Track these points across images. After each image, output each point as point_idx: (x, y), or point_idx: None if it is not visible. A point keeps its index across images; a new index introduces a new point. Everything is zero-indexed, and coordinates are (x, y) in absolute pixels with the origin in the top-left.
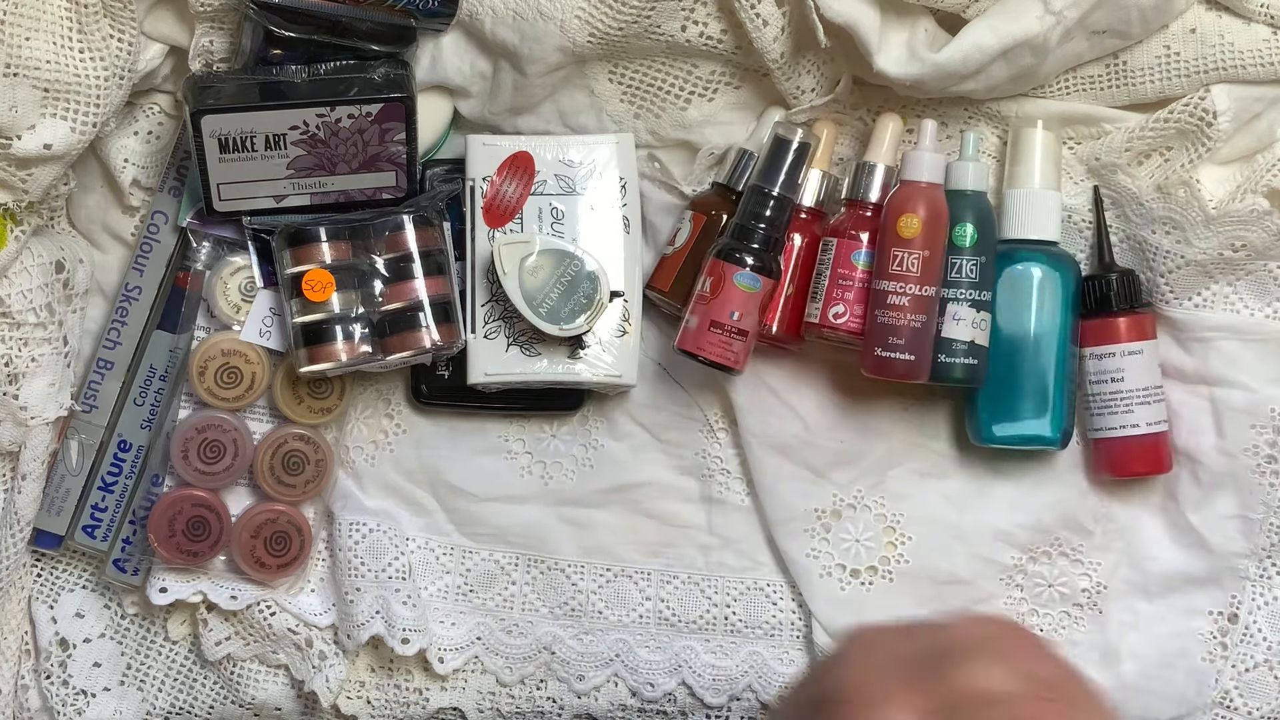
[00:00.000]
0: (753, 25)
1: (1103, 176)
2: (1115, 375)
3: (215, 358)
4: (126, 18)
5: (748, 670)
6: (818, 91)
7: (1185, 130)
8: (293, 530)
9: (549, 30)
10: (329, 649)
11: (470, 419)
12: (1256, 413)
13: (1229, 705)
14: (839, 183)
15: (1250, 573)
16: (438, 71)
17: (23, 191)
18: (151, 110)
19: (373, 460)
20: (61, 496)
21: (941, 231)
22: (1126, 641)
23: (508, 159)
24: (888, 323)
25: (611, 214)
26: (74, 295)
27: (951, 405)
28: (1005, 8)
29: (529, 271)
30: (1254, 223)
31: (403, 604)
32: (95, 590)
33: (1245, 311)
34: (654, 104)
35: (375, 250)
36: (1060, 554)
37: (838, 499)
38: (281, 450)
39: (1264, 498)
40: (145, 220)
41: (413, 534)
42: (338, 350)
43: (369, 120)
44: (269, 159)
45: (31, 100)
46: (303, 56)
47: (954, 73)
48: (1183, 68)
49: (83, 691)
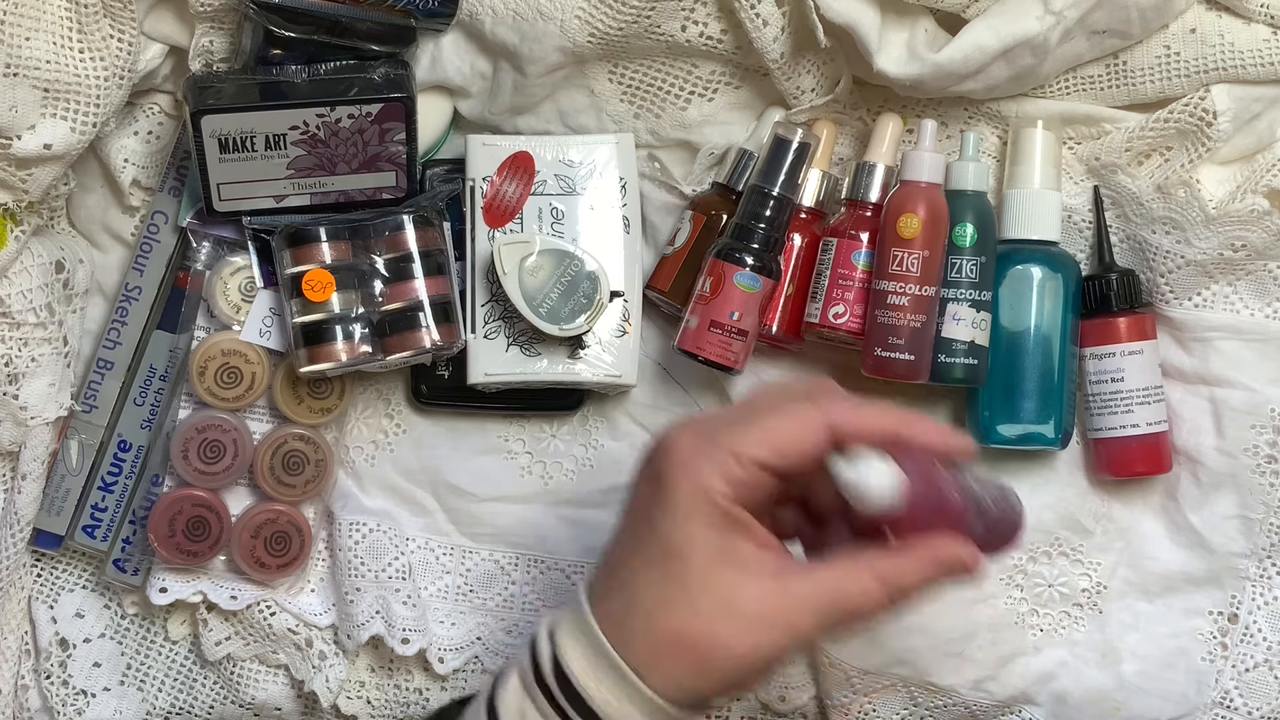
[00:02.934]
0: (753, 25)
1: (1103, 176)
2: (1115, 375)
3: (215, 358)
4: (126, 18)
5: None
6: (818, 91)
7: (1185, 130)
8: (293, 530)
9: (549, 30)
10: (329, 649)
11: (470, 419)
12: (1256, 413)
13: (1229, 705)
14: (839, 183)
15: (1250, 573)
16: (438, 71)
17: (23, 191)
18: (151, 110)
19: (373, 460)
20: (61, 496)
21: (941, 231)
22: (1126, 641)
23: (508, 159)
24: (887, 323)
25: (611, 214)
26: (74, 295)
27: (951, 405)
28: (1005, 8)
29: (529, 271)
30: (1254, 223)
31: (403, 604)
32: (95, 590)
33: (1245, 311)
34: (654, 104)
35: (375, 250)
36: (1060, 554)
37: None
38: (281, 450)
39: (1264, 498)
40: (145, 220)
41: (413, 534)
42: (338, 350)
43: (369, 120)
44: (269, 159)
45: (31, 100)
46: (303, 56)
47: (954, 73)
48: (1183, 68)
49: (83, 691)
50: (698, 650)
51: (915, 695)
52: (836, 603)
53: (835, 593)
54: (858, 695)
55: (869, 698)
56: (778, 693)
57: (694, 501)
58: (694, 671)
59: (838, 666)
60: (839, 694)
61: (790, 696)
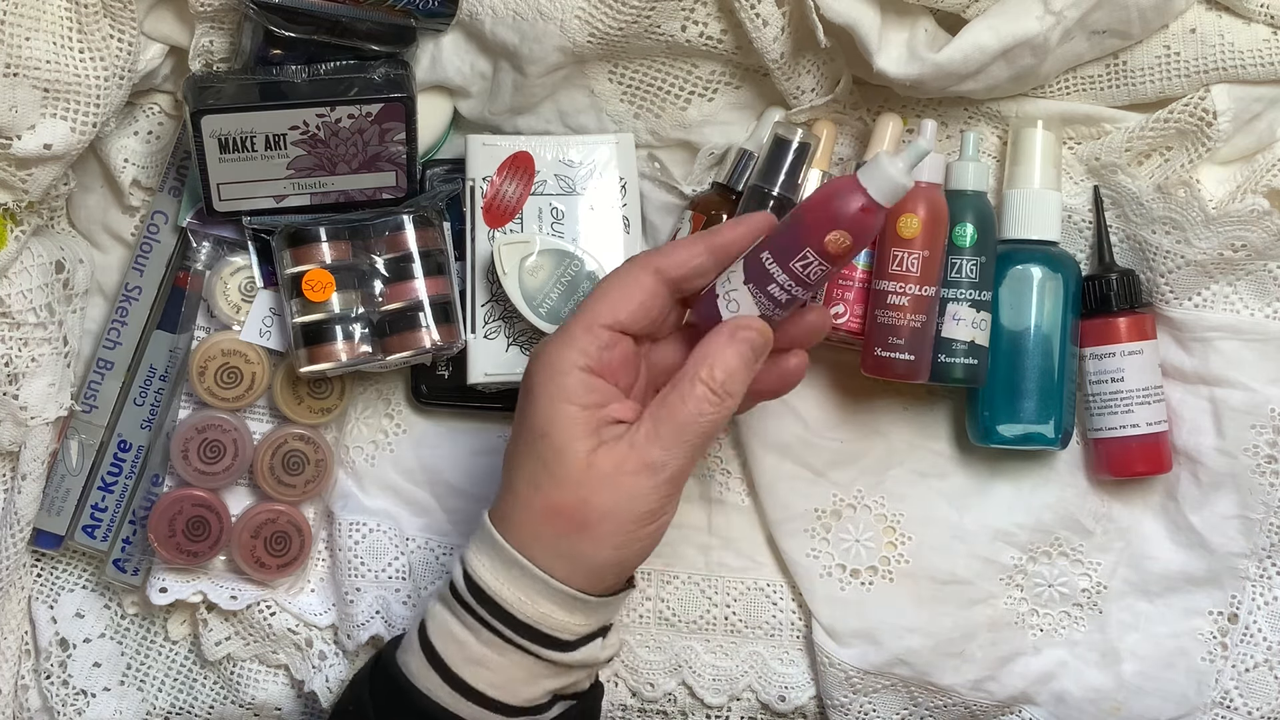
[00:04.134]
0: (753, 25)
1: (1103, 176)
2: (1115, 375)
3: (215, 358)
4: (126, 18)
5: (748, 670)
6: (818, 91)
7: (1185, 130)
8: (293, 530)
9: (549, 30)
10: (329, 649)
11: (470, 419)
12: (1256, 413)
13: (1229, 705)
14: None
15: (1250, 573)
16: (438, 71)
17: (23, 191)
18: (151, 110)
19: (373, 460)
20: (61, 496)
21: (941, 231)
22: (1126, 641)
23: (508, 159)
24: (888, 323)
25: (611, 214)
26: (74, 295)
27: (951, 405)
28: (1005, 8)
29: (529, 271)
30: (1254, 223)
31: (403, 604)
32: (95, 590)
33: (1245, 311)
34: (654, 104)
35: (375, 250)
36: (1060, 554)
37: (837, 499)
38: (281, 450)
39: (1264, 498)
40: (145, 220)
41: (413, 534)
42: (338, 350)
43: (369, 120)
44: (269, 159)
45: (31, 100)
46: (303, 56)
47: (954, 73)
48: (1183, 68)
49: (83, 691)
50: (571, 517)
51: (915, 695)
52: (678, 422)
53: (672, 416)
54: (858, 695)
55: (869, 698)
56: (777, 693)
57: (555, 384)
58: (576, 539)
59: (838, 666)
60: (839, 694)
61: (790, 696)
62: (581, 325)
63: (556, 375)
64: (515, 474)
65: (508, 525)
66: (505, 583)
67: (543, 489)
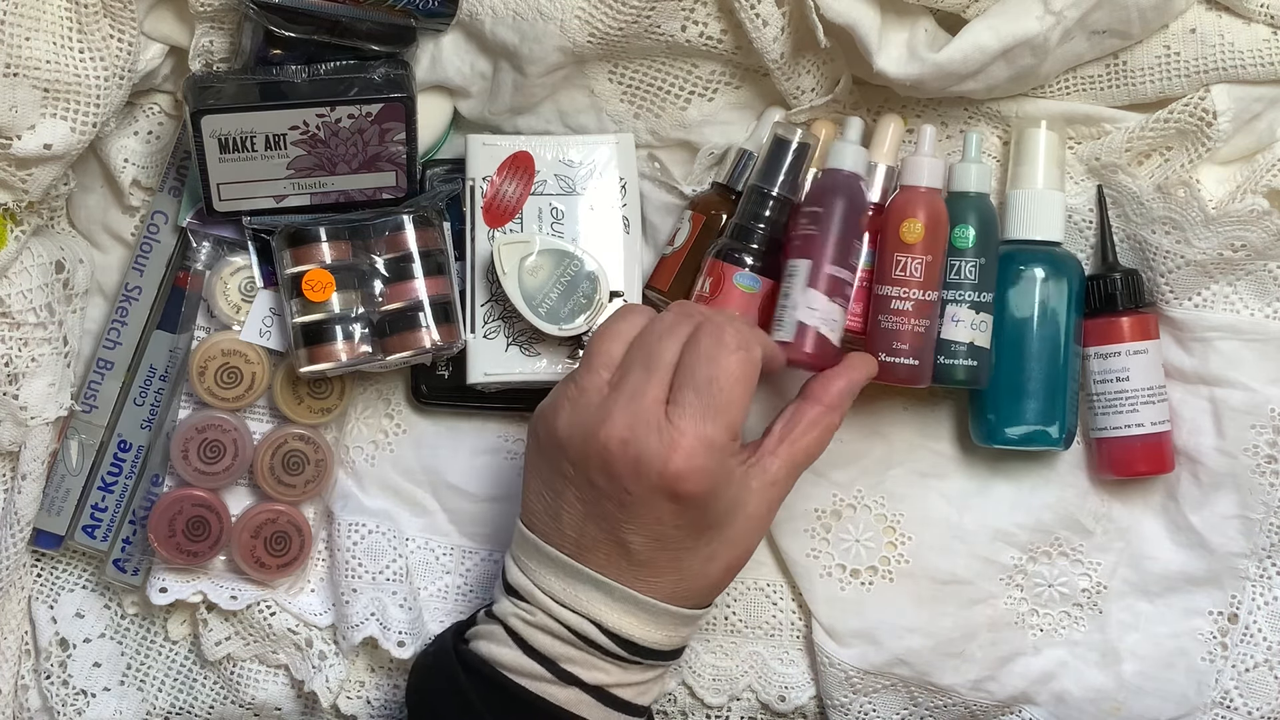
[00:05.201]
0: (752, 25)
1: (1103, 176)
2: (1120, 375)
3: (215, 358)
4: (126, 18)
5: (748, 670)
6: (818, 91)
7: (1185, 130)
8: (293, 530)
9: (549, 30)
10: (329, 649)
11: (470, 419)
12: (1256, 413)
13: (1229, 705)
14: None
15: (1250, 573)
16: (438, 71)
17: (23, 191)
18: (151, 110)
19: (373, 460)
20: (61, 496)
21: (942, 236)
22: (1126, 641)
23: (508, 159)
24: (891, 328)
25: (611, 214)
26: (74, 295)
27: (952, 405)
28: (1005, 8)
29: (529, 271)
30: (1254, 223)
31: (399, 606)
32: (95, 590)
33: (1245, 311)
34: (654, 104)
35: (375, 250)
36: (1060, 554)
37: (838, 499)
38: (281, 450)
39: (1264, 498)
40: (145, 220)
41: (412, 534)
42: (338, 350)
43: (369, 120)
44: (269, 159)
45: (31, 100)
46: (303, 56)
47: (954, 73)
48: (1183, 68)
49: (83, 691)
50: (743, 561)
51: (915, 695)
52: (802, 452)
53: (796, 446)
54: (858, 695)
55: (869, 698)
56: (777, 693)
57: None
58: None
59: (838, 666)
60: (839, 694)
61: (790, 696)
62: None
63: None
64: (685, 557)
65: (675, 598)
66: (653, 630)
67: (719, 557)
